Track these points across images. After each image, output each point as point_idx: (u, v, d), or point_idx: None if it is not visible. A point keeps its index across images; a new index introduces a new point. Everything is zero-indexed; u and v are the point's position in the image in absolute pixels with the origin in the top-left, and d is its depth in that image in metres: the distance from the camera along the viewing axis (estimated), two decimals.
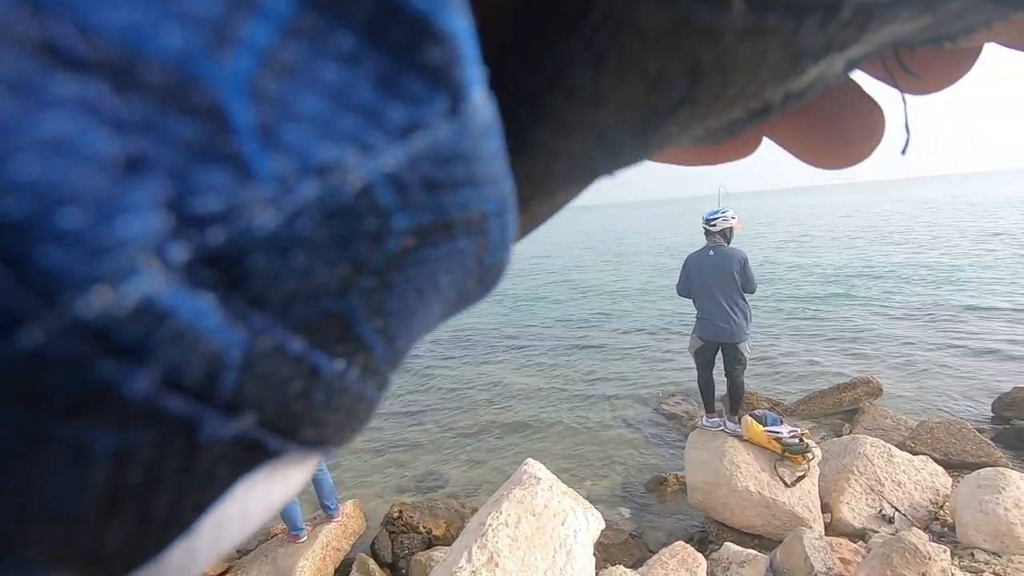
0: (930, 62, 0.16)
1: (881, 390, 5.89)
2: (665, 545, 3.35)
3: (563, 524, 2.37)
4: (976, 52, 0.17)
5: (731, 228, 3.71)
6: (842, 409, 5.77)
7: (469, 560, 2.10)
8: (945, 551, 3.15)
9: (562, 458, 5.41)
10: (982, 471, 3.54)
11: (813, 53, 0.12)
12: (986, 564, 3.06)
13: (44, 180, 0.07)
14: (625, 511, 4.45)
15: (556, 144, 0.14)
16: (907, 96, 0.18)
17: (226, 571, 3.75)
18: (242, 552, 3.95)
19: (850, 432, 5.19)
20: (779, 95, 0.14)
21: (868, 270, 14.58)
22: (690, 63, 0.12)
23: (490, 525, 2.25)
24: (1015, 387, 5.62)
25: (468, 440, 6.04)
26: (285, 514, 3.57)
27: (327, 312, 0.09)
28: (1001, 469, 3.50)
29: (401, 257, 0.10)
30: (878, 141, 0.17)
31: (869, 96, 0.17)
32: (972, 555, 3.16)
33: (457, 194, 0.10)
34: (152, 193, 0.07)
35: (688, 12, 0.11)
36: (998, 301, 9.98)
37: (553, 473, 5.24)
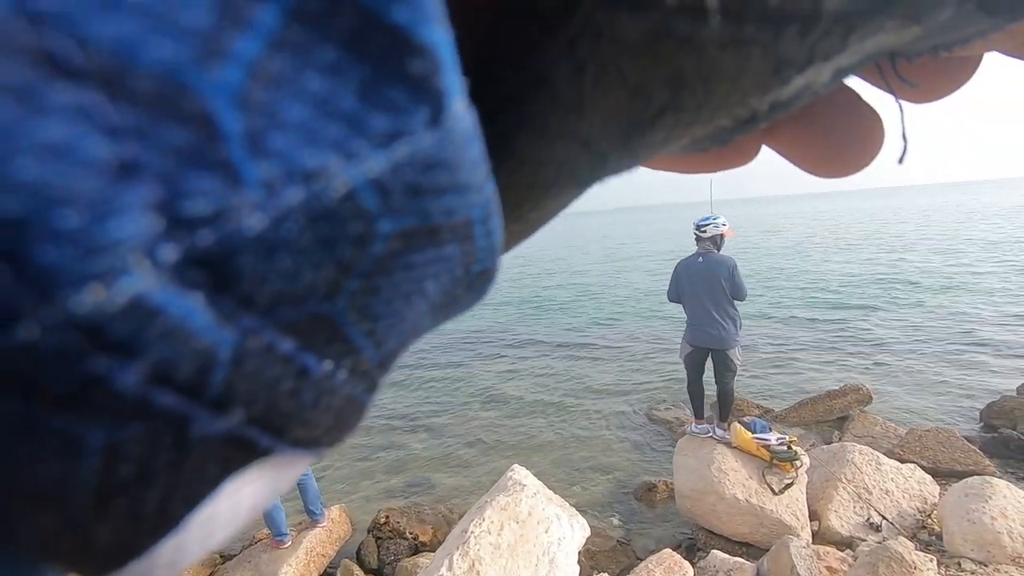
0: (928, 71, 0.16)
1: (871, 398, 5.89)
2: (653, 552, 3.33)
3: (547, 532, 2.34)
4: (975, 62, 0.16)
5: (722, 235, 3.71)
6: (832, 417, 5.77)
7: (450, 568, 2.07)
8: (932, 560, 3.14)
9: (553, 464, 5.38)
10: (969, 480, 3.53)
11: (796, 63, 0.13)
12: (972, 574, 3.05)
13: (42, 181, 0.07)
14: (614, 518, 4.43)
15: (540, 151, 0.14)
16: (906, 104, 0.18)
17: None
18: (225, 557, 3.90)
19: (840, 440, 5.18)
20: (765, 104, 0.14)
21: (861, 278, 14.65)
22: (671, 72, 0.12)
23: (472, 532, 2.22)
24: (1004, 396, 5.65)
25: (459, 445, 6.01)
26: (269, 519, 3.53)
27: (315, 314, 0.10)
28: (988, 478, 3.49)
29: (387, 261, 0.10)
30: (877, 150, 0.18)
31: (868, 105, 0.17)
32: (959, 564, 3.15)
33: (441, 200, 0.10)
34: (143, 196, 0.08)
35: (667, 23, 0.11)
36: (991, 311, 10.03)
37: (543, 479, 5.21)
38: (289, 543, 3.59)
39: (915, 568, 2.63)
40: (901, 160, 0.20)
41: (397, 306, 0.11)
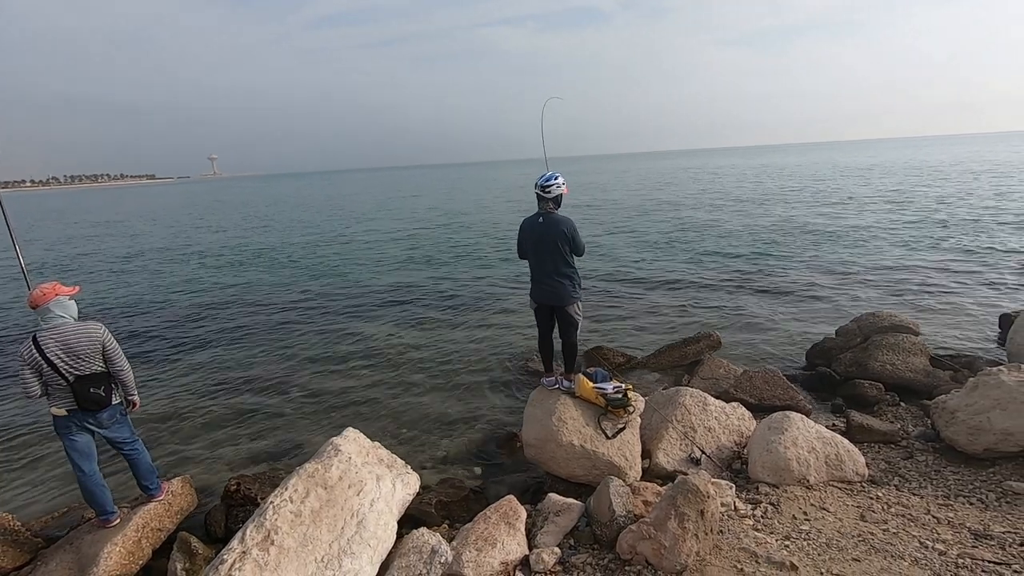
0: None
1: (720, 343, 6.46)
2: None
3: (359, 494, 2.35)
4: None
5: (562, 194, 3.78)
6: (687, 361, 6.26)
7: (242, 541, 2.02)
8: (731, 487, 3.56)
9: (426, 419, 5.43)
10: (773, 414, 3.98)
11: None
12: (765, 496, 3.48)
13: None
14: (477, 468, 4.58)
15: None
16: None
17: (28, 563, 3.43)
18: (49, 540, 3.62)
19: (688, 382, 5.66)
20: None
21: (729, 232, 15.81)
22: None
23: (271, 503, 2.17)
24: (825, 337, 6.41)
25: (333, 406, 5.89)
26: (90, 498, 3.28)
27: None
28: (788, 413, 3.95)
29: None
30: None
31: None
32: (757, 488, 3.58)
33: None
34: None
35: None
36: (833, 263, 11.23)
37: (410, 435, 5.24)
38: (117, 521, 3.37)
39: (708, 497, 2.94)
40: None
41: None
